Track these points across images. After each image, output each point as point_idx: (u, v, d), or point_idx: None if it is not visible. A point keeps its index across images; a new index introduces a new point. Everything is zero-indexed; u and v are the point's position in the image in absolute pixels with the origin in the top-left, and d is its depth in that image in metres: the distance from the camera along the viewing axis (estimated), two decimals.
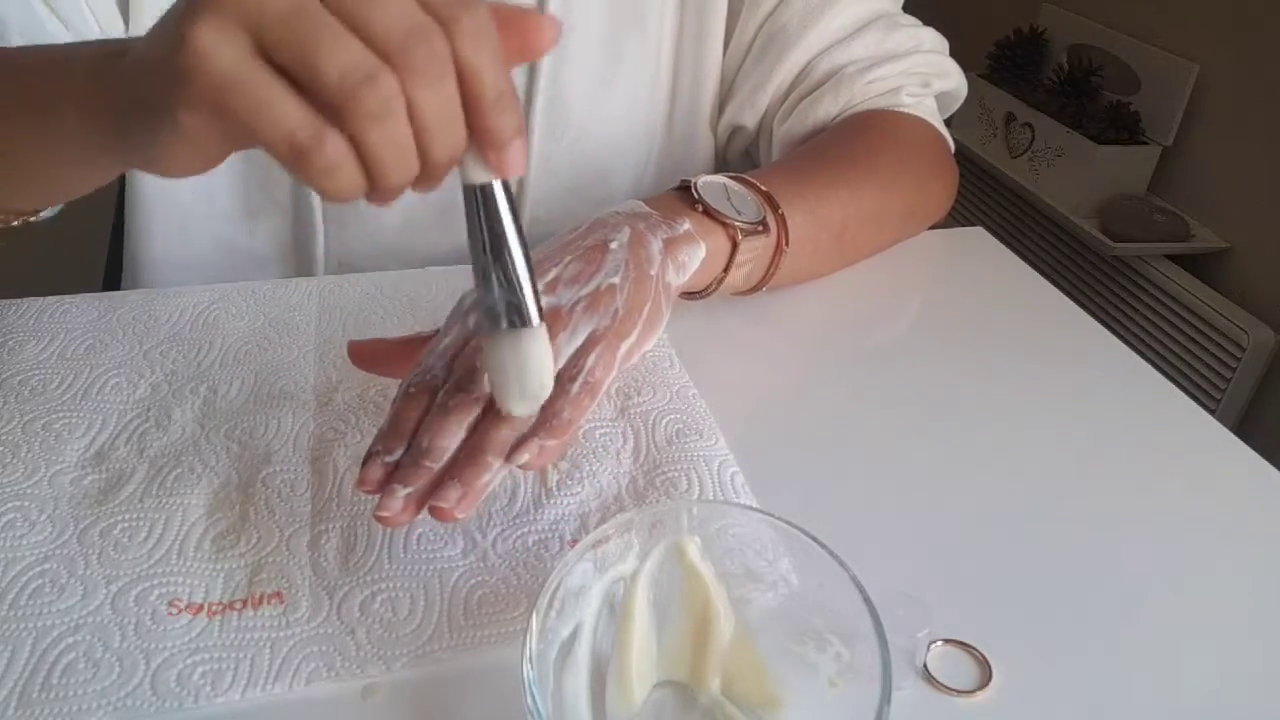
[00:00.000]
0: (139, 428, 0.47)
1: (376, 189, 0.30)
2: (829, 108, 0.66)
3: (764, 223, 0.53)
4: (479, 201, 0.32)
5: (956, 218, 1.98)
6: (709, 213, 0.51)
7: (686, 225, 0.49)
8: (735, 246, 0.52)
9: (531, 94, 0.65)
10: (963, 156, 2.18)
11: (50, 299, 0.56)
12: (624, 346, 0.42)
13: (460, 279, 0.61)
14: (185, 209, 0.66)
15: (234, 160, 0.65)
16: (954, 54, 0.70)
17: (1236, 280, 1.51)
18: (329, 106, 0.28)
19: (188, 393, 0.49)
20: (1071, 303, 0.63)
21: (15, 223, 0.50)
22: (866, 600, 0.31)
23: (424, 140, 0.30)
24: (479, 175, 0.32)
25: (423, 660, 0.36)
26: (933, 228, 0.70)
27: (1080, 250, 1.70)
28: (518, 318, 0.34)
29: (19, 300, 0.56)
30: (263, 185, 0.66)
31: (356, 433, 0.47)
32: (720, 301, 0.59)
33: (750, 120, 0.70)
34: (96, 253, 0.80)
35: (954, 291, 0.65)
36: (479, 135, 0.31)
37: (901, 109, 0.67)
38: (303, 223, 0.67)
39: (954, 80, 0.70)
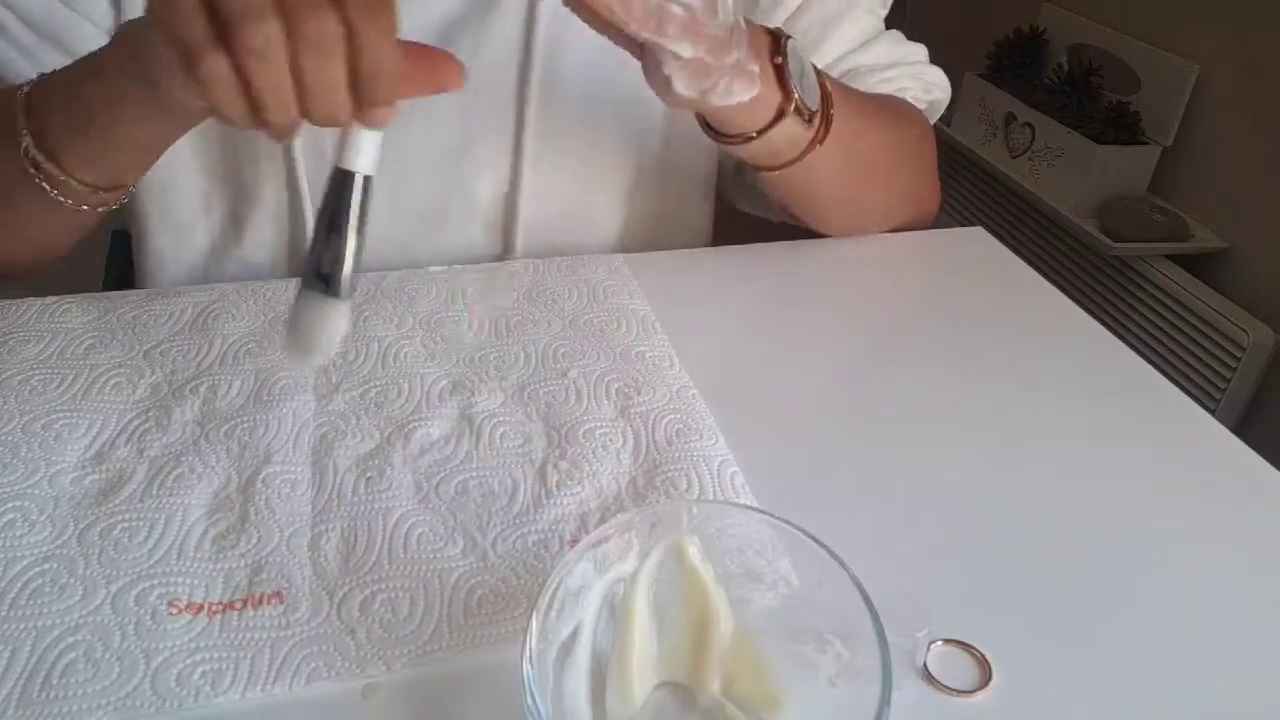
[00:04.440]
0: (139, 428, 0.47)
1: (258, 122, 0.36)
2: None
3: (814, 116, 0.55)
4: (339, 182, 0.37)
5: (956, 218, 1.98)
6: (780, 73, 0.52)
7: (756, 68, 0.50)
8: (780, 118, 0.53)
9: (524, 93, 0.64)
10: (963, 156, 2.18)
11: (50, 299, 0.56)
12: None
13: (460, 278, 0.61)
14: (180, 219, 0.66)
15: (224, 167, 0.65)
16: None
17: (1236, 280, 1.51)
18: (222, 33, 0.34)
19: (188, 393, 0.49)
20: (1071, 303, 0.63)
21: (99, 209, 0.53)
22: (866, 600, 0.31)
23: (303, 99, 0.35)
24: (347, 161, 0.37)
25: (423, 660, 0.36)
26: (932, 227, 0.70)
27: (1080, 250, 1.70)
28: (333, 288, 0.38)
29: (19, 300, 0.56)
30: (253, 194, 0.65)
31: (357, 433, 0.47)
32: (720, 301, 0.59)
33: None
34: (96, 253, 0.80)
35: (954, 291, 0.65)
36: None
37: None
38: (294, 231, 0.67)
39: (944, 92, 0.74)
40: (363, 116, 0.37)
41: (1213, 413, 0.53)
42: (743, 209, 0.78)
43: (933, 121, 0.75)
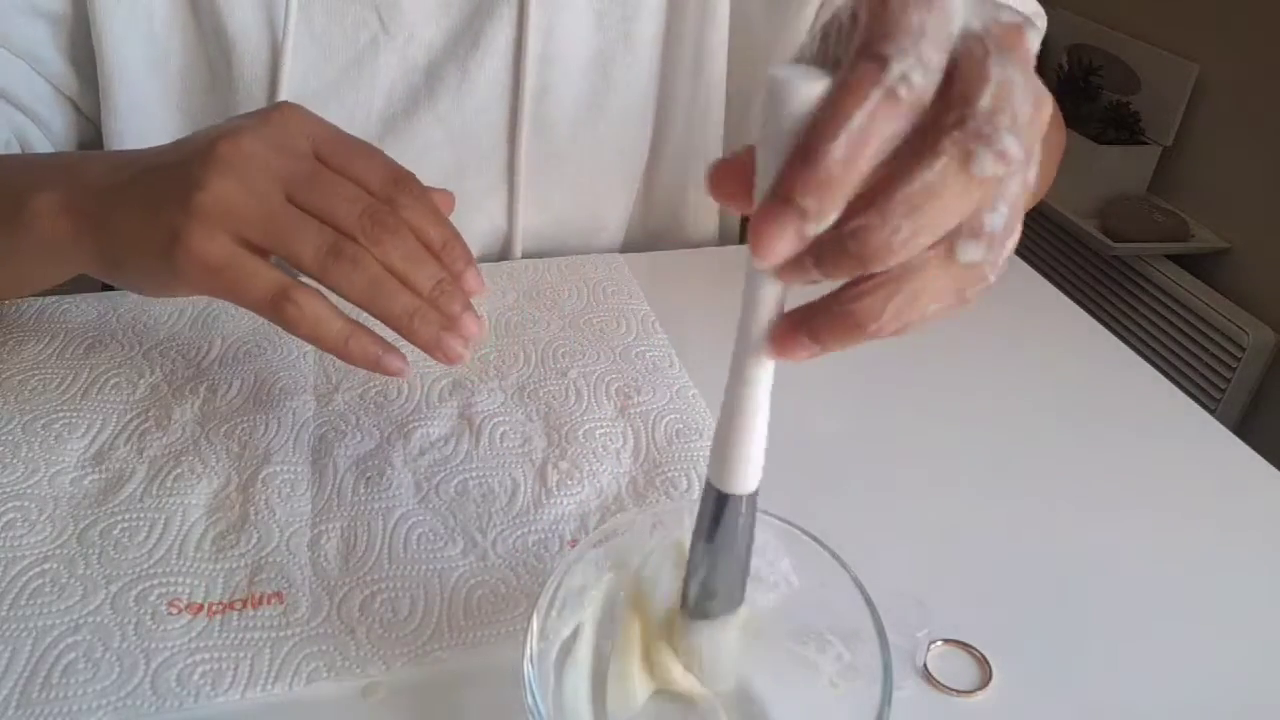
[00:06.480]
0: (139, 428, 0.47)
1: (384, 319, 0.38)
2: None
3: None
4: (716, 501, 0.29)
5: None
6: None
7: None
8: None
9: (515, 130, 0.63)
10: None
11: (50, 299, 0.56)
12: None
13: None
14: None
15: None
16: None
17: (1236, 280, 1.51)
18: (313, 276, 0.37)
19: (188, 393, 0.49)
20: (1071, 302, 0.63)
21: None
22: (867, 600, 0.31)
23: (405, 279, 0.38)
24: (727, 481, 0.29)
25: (423, 660, 0.36)
26: None
27: (1080, 250, 1.70)
28: (720, 603, 0.32)
29: (19, 300, 0.56)
30: None
31: (357, 432, 0.47)
32: (720, 301, 0.59)
33: None
34: None
35: None
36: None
37: None
38: None
39: (1044, 23, 0.64)
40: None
41: (1213, 413, 0.53)
42: None
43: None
